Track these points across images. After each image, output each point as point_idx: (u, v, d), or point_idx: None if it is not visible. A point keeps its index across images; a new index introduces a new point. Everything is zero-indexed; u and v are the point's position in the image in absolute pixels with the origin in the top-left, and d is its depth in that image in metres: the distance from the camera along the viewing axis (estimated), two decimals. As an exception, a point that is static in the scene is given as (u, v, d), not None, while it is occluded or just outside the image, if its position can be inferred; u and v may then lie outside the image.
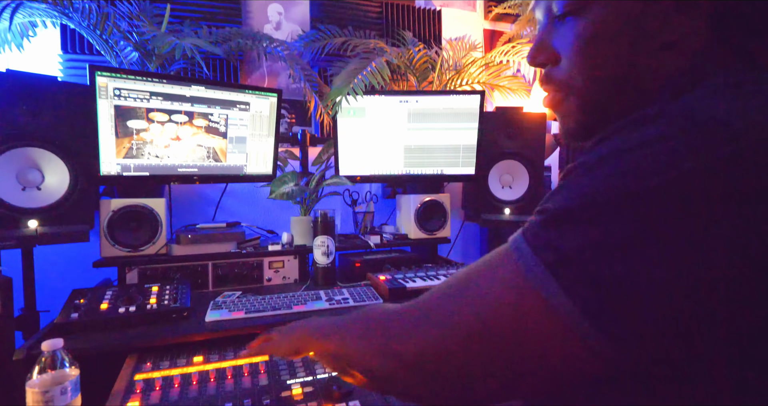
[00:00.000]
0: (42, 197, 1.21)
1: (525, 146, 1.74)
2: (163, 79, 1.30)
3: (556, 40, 0.47)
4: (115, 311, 1.06)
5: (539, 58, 0.49)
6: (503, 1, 2.16)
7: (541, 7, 0.49)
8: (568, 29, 0.45)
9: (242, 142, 1.51)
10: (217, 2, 1.79)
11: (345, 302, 1.23)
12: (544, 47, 0.48)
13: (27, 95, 1.17)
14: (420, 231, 1.68)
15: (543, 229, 0.35)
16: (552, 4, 0.47)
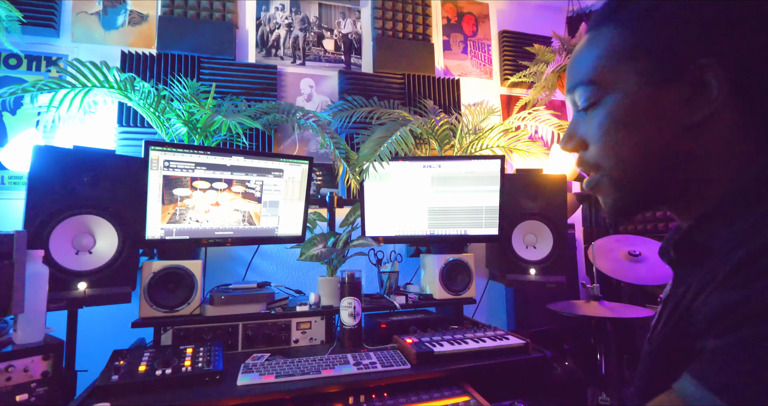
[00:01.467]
0: (92, 260, 1.31)
1: (547, 206, 1.78)
2: (207, 151, 1.44)
3: (582, 128, 0.52)
4: (153, 373, 1.10)
5: (569, 146, 0.54)
6: (518, 70, 2.32)
7: (569, 100, 0.54)
8: (591, 119, 0.50)
9: (275, 206, 1.60)
10: (256, 80, 1.99)
11: (373, 367, 1.23)
12: (572, 136, 0.53)
13: (88, 168, 1.31)
14: (445, 291, 1.69)
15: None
16: (575, 98, 0.52)
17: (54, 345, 0.97)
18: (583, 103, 0.50)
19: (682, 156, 0.44)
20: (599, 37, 0.49)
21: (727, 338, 0.34)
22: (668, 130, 0.44)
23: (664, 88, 0.44)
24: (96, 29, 1.93)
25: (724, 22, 0.41)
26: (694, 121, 0.43)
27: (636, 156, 0.46)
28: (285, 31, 2.10)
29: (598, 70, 0.48)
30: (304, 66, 2.11)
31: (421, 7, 2.31)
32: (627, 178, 0.48)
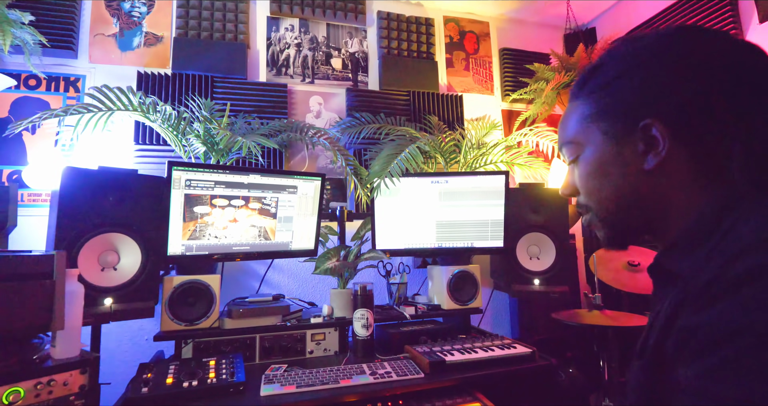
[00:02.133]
0: (117, 277, 1.36)
1: (549, 219, 1.85)
2: (227, 170, 1.50)
3: (572, 178, 0.63)
4: (180, 385, 1.15)
5: (566, 192, 0.66)
6: (518, 85, 2.40)
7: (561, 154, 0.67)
8: (577, 170, 0.61)
9: (289, 221, 1.66)
10: (267, 98, 2.06)
11: (388, 376, 1.28)
12: (567, 184, 0.65)
13: (113, 187, 1.37)
14: (453, 302, 1.75)
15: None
16: (564, 154, 0.64)
17: (90, 360, 1.02)
18: (569, 158, 0.62)
19: (647, 196, 0.54)
20: (574, 107, 0.61)
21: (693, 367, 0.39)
22: (631, 176, 0.54)
23: (623, 143, 0.54)
24: (113, 50, 2.00)
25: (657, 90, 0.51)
26: (650, 168, 0.52)
27: (611, 198, 0.57)
28: (294, 50, 2.18)
29: (575, 133, 0.60)
30: (313, 84, 2.18)
31: (424, 26, 2.40)
32: (609, 217, 0.58)
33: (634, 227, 0.58)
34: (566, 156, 0.64)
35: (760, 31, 1.84)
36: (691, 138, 0.50)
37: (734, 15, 1.91)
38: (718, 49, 0.50)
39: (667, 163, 0.51)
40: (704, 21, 2.02)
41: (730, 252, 0.42)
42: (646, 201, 0.55)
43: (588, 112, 0.58)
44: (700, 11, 2.04)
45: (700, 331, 0.40)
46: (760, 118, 0.47)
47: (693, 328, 0.41)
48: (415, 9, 2.45)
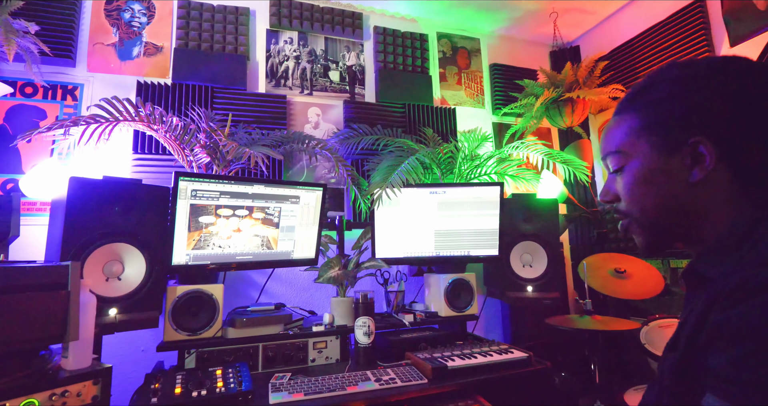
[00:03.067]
0: (121, 287, 1.36)
1: (541, 228, 1.93)
2: (232, 181, 1.52)
3: (614, 186, 0.67)
4: (189, 395, 1.16)
5: (606, 199, 0.69)
6: (508, 99, 2.50)
7: (603, 164, 0.70)
8: (621, 179, 0.65)
9: (291, 231, 1.69)
10: (267, 108, 2.10)
11: (393, 382, 1.32)
12: (608, 191, 0.69)
13: (118, 198, 1.37)
14: (450, 309, 1.80)
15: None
16: (608, 163, 0.68)
17: (103, 370, 1.03)
18: (614, 168, 0.66)
19: (688, 206, 0.59)
20: (622, 119, 0.65)
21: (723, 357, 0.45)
22: (676, 187, 0.59)
23: (670, 157, 0.59)
24: (112, 60, 2.01)
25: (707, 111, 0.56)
26: (694, 181, 0.57)
27: (654, 206, 0.61)
28: (293, 62, 2.22)
29: (623, 143, 0.64)
30: (312, 96, 2.23)
31: (419, 41, 2.48)
32: (649, 223, 0.63)
33: (672, 234, 0.63)
34: (611, 165, 0.67)
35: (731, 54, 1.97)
36: (733, 157, 0.55)
37: (707, 38, 2.06)
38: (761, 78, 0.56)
39: (710, 178, 0.56)
40: (680, 44, 2.16)
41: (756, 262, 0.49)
42: (687, 211, 0.59)
43: (638, 124, 0.62)
44: (676, 34, 2.18)
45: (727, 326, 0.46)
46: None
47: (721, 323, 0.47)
48: (410, 25, 2.53)
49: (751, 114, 0.54)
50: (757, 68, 0.57)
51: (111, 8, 2.05)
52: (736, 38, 1.97)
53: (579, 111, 2.13)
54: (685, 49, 2.14)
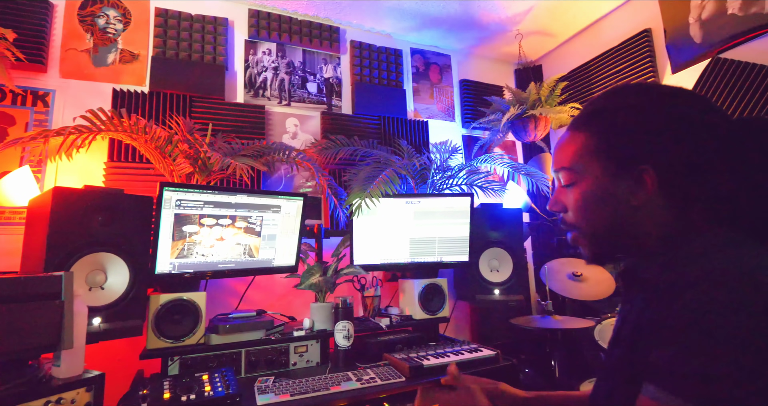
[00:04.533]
0: (105, 296, 1.38)
1: (507, 235, 2.08)
2: (215, 191, 1.57)
3: (564, 197, 0.72)
4: (179, 399, 1.20)
5: (555, 209, 0.74)
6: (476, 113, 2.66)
7: (555, 176, 0.75)
8: (570, 193, 0.70)
9: (273, 239, 1.75)
10: (245, 119, 2.14)
11: (373, 381, 1.40)
12: (557, 202, 0.74)
13: (101, 207, 1.38)
14: (423, 312, 1.91)
15: None
16: (560, 176, 0.72)
17: (95, 378, 1.06)
18: (565, 183, 0.71)
19: (629, 224, 0.66)
20: (576, 137, 0.70)
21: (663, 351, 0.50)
22: (619, 207, 0.65)
23: (618, 180, 0.65)
24: (86, 66, 1.99)
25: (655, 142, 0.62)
26: (636, 205, 0.64)
27: (599, 222, 0.68)
28: (272, 73, 2.27)
29: (576, 162, 0.69)
30: (290, 106, 2.29)
31: (394, 56, 2.60)
32: (595, 236, 0.69)
33: (615, 247, 0.69)
34: (562, 179, 0.71)
35: (673, 81, 2.22)
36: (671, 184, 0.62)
37: (653, 65, 2.29)
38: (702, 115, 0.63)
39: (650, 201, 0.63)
40: (629, 69, 2.39)
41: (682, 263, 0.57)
42: (628, 228, 0.66)
43: (592, 147, 0.67)
44: (626, 60, 2.41)
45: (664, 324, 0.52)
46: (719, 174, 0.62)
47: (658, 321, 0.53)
48: (385, 40, 2.65)
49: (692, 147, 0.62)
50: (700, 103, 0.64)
51: (85, 14, 2.03)
52: (677, 66, 2.21)
53: (541, 127, 2.31)
54: (633, 73, 2.37)
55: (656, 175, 0.63)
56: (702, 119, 0.64)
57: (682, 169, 0.63)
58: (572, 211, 0.71)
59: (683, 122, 0.63)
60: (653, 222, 0.65)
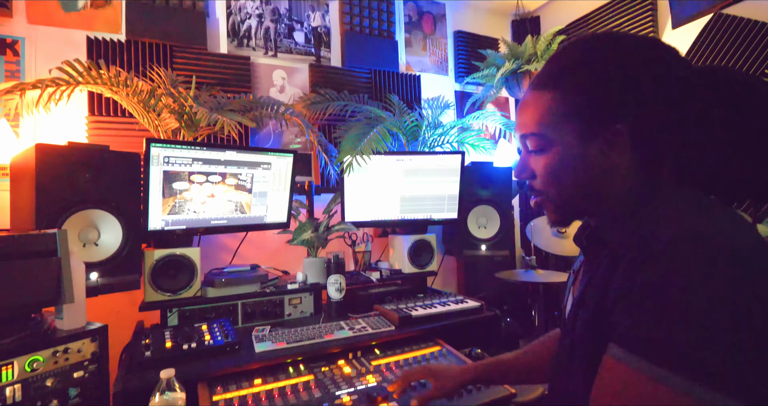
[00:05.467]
0: (99, 252, 1.39)
1: (496, 194, 2.12)
2: (204, 147, 1.54)
3: (533, 163, 0.68)
4: (180, 348, 1.26)
5: (522, 176, 0.70)
6: (470, 67, 2.60)
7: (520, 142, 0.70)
8: (539, 160, 0.66)
9: (264, 196, 1.75)
10: (230, 70, 2.06)
11: (364, 330, 1.48)
12: (525, 168, 0.69)
13: (88, 164, 1.36)
14: (412, 266, 1.98)
15: None
16: (527, 143, 0.67)
17: (99, 329, 1.10)
18: (533, 149, 0.67)
19: (600, 186, 0.64)
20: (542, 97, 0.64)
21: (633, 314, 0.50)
22: (591, 172, 0.63)
23: (590, 143, 0.61)
24: (54, 11, 1.85)
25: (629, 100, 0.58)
26: (607, 167, 0.62)
27: (570, 187, 0.65)
28: (256, 21, 2.16)
29: (543, 127, 0.64)
30: (276, 58, 2.20)
31: (385, 3, 2.47)
32: (564, 201, 0.67)
33: (582, 210, 0.69)
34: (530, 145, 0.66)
35: (672, 36, 2.17)
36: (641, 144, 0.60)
37: (654, 20, 2.23)
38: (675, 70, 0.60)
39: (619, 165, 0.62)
40: (629, 23, 2.32)
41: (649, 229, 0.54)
42: (597, 191, 0.64)
43: (562, 110, 0.62)
44: (626, 13, 2.33)
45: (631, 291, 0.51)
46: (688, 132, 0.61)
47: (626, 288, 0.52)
48: (376, -15, 2.50)
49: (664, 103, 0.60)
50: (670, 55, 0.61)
51: (49, -50, 1.86)
52: (678, 21, 2.15)
53: (534, 83, 2.27)
54: (632, 27, 2.30)
55: (629, 135, 0.60)
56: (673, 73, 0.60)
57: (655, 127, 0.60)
58: (541, 177, 0.67)
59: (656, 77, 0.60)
60: (624, 184, 0.63)
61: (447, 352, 1.45)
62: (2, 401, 0.86)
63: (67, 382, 0.99)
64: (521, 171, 0.70)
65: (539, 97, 0.65)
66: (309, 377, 1.24)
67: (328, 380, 1.22)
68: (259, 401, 1.10)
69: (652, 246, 0.51)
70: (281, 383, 1.19)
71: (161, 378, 0.95)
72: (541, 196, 0.69)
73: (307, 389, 1.17)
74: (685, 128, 0.62)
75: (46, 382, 0.95)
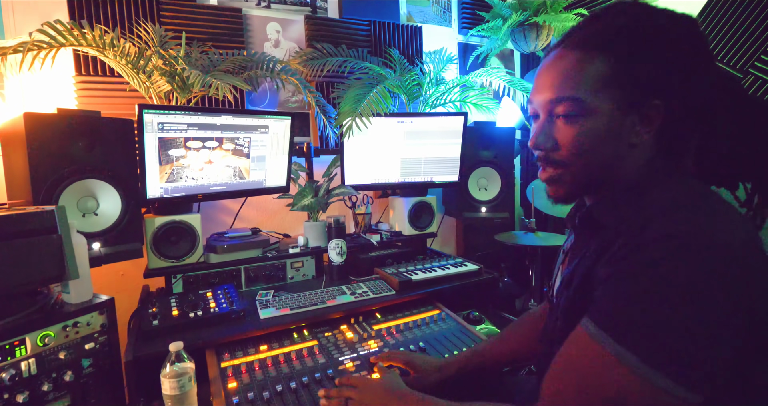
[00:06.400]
0: (100, 222, 1.39)
1: (498, 155, 2.08)
2: (198, 112, 1.48)
3: (557, 133, 0.63)
4: (187, 316, 1.30)
5: (543, 145, 0.64)
6: (475, 18, 2.43)
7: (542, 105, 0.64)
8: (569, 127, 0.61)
9: (262, 161, 1.72)
10: (221, 24, 1.92)
11: (365, 295, 1.52)
12: (548, 137, 0.64)
13: (80, 132, 1.31)
14: (412, 228, 1.99)
15: None
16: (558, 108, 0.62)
17: (106, 301, 1.12)
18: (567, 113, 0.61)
19: (619, 163, 0.62)
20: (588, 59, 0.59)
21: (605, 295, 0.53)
22: (620, 146, 0.61)
23: (626, 115, 0.59)
24: (25, -44, 1.69)
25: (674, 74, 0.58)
26: (633, 142, 0.61)
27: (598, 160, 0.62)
28: (246, -33, 1.98)
29: (585, 91, 0.59)
30: (269, 9, 2.05)
31: (384, -55, 2.25)
32: (585, 175, 0.64)
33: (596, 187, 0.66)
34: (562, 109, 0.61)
35: None
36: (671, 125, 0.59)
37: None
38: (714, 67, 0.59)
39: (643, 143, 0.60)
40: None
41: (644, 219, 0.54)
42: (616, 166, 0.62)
43: (605, 74, 0.58)
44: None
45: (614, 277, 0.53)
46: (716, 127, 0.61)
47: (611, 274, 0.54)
48: None
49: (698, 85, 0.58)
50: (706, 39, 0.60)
51: None
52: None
53: (543, 36, 2.14)
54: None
55: (666, 112, 0.58)
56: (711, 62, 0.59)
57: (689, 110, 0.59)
58: (568, 148, 0.62)
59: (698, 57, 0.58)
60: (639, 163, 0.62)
61: (446, 316, 1.50)
62: (19, 374, 0.90)
63: (79, 353, 1.03)
64: (544, 140, 0.64)
65: (580, 57, 0.60)
66: (313, 342, 1.29)
67: (331, 346, 1.27)
68: (266, 367, 1.16)
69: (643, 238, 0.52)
70: (286, 349, 1.24)
71: (170, 351, 0.99)
72: (562, 168, 0.64)
73: (311, 354, 1.22)
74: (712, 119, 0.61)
75: (59, 355, 0.98)
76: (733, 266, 0.48)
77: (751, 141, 0.64)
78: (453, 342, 1.31)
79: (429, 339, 1.33)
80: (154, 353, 1.12)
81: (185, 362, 1.01)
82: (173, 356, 0.99)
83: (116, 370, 1.11)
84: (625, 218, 0.59)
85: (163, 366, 0.99)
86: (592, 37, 0.60)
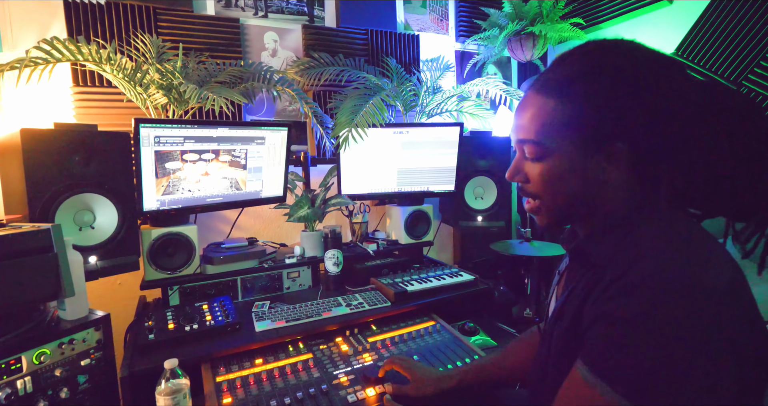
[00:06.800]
0: (96, 235, 1.40)
1: (494, 164, 2.08)
2: (195, 125, 1.49)
3: (527, 169, 0.68)
4: (183, 329, 1.30)
5: (515, 179, 0.71)
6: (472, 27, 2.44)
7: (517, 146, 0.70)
8: (535, 167, 0.67)
9: (259, 171, 1.73)
10: (219, 34, 1.93)
11: (361, 307, 1.53)
12: (519, 171, 0.70)
13: (77, 146, 1.32)
14: (409, 237, 2.00)
15: None
16: (525, 148, 0.67)
17: (102, 318, 1.13)
18: (530, 156, 0.67)
19: (591, 198, 0.65)
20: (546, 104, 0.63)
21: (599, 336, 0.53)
22: (588, 182, 0.64)
23: (589, 157, 0.62)
24: (23, -31, 1.70)
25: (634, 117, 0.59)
26: (603, 181, 0.63)
27: (564, 196, 0.66)
28: (243, -23, 1.99)
29: (544, 135, 0.64)
30: (267, 18, 2.05)
31: (382, -46, 2.26)
32: (557, 208, 0.68)
33: (573, 219, 0.71)
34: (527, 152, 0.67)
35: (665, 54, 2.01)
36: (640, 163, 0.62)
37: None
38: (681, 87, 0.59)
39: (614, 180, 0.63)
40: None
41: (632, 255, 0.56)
42: (590, 202, 0.65)
43: (565, 119, 0.62)
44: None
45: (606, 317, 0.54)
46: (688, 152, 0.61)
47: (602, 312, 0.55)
48: (372, -68, 2.28)
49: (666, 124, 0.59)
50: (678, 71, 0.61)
51: None
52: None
53: (539, 45, 2.15)
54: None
55: (629, 153, 0.60)
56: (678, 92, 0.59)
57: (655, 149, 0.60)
58: (535, 184, 0.68)
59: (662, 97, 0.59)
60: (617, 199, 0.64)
61: (441, 327, 1.51)
62: (15, 393, 0.91)
63: (75, 370, 1.04)
64: (514, 174, 0.71)
65: (542, 102, 0.64)
66: (308, 355, 1.30)
67: (326, 359, 1.28)
68: (261, 382, 1.16)
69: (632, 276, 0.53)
70: (281, 363, 1.25)
71: (165, 368, 1.00)
72: (538, 200, 0.70)
73: (306, 368, 1.23)
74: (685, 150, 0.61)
75: (55, 372, 0.99)
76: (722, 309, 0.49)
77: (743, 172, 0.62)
78: (447, 355, 1.32)
79: (424, 352, 1.34)
80: (149, 369, 1.12)
81: (180, 379, 1.02)
82: (168, 373, 1.00)
83: (112, 386, 1.12)
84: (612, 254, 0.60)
85: (158, 383, 0.99)
86: (550, 81, 0.64)
